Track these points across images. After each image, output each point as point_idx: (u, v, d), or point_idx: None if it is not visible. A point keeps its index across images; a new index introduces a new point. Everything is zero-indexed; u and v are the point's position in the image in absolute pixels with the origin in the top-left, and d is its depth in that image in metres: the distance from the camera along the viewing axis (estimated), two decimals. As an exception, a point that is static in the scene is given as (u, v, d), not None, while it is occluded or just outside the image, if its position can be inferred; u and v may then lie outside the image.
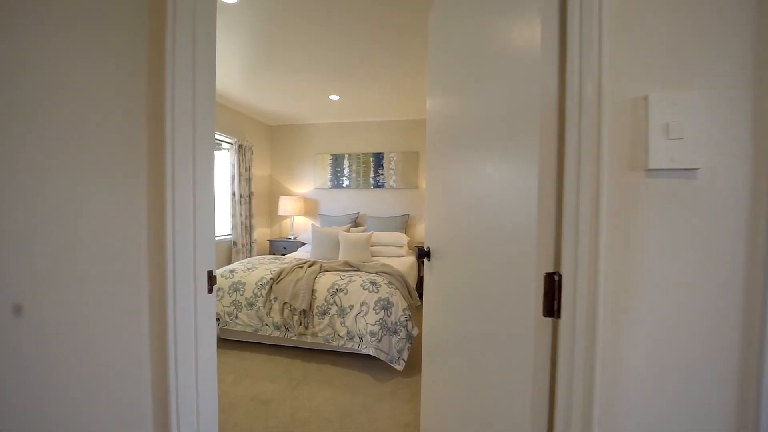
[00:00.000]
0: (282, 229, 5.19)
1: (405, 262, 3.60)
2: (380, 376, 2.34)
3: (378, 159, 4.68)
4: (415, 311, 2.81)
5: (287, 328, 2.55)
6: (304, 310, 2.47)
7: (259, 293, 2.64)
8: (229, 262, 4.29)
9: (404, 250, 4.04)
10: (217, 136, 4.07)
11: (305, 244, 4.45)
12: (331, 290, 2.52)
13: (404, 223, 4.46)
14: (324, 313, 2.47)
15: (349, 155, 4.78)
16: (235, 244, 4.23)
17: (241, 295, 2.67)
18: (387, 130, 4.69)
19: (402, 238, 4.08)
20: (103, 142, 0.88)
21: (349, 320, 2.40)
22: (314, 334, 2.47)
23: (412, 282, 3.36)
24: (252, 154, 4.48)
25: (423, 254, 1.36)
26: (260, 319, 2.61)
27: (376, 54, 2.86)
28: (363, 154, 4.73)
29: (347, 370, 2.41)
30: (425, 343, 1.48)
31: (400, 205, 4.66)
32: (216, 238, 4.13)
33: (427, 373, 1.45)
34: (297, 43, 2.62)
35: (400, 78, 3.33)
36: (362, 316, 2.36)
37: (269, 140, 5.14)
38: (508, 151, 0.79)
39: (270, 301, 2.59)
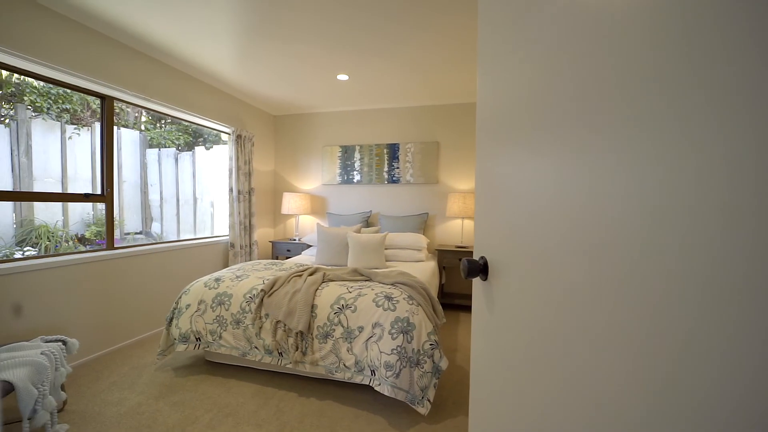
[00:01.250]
0: (287, 230, 4.71)
1: (425, 269, 3.05)
2: (398, 420, 1.79)
3: (393, 151, 4.15)
4: (441, 332, 2.24)
5: (281, 354, 2.03)
6: (300, 332, 1.95)
7: (247, 308, 2.13)
8: (226, 267, 3.82)
9: (423, 254, 3.49)
10: (212, 125, 3.62)
11: (311, 246, 3.95)
12: (335, 306, 1.99)
13: (423, 223, 3.91)
14: (326, 335, 1.94)
15: (361, 147, 4.26)
16: (232, 246, 3.76)
17: (227, 310, 2.17)
18: (403, 117, 4.15)
19: (421, 239, 3.53)
20: None
21: (358, 346, 1.87)
22: (314, 363, 1.94)
23: (434, 292, 2.80)
24: (253, 145, 4.01)
25: (474, 269, 0.82)
26: (248, 340, 2.11)
27: (388, 26, 2.35)
28: (376, 145, 4.20)
29: (355, 411, 1.87)
30: (474, 413, 0.93)
31: (418, 202, 4.11)
32: (211, 239, 3.71)
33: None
34: (299, 12, 2.12)
35: (417, 55, 2.79)
36: (375, 342, 1.82)
37: (273, 132, 4.67)
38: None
39: (260, 318, 2.08)
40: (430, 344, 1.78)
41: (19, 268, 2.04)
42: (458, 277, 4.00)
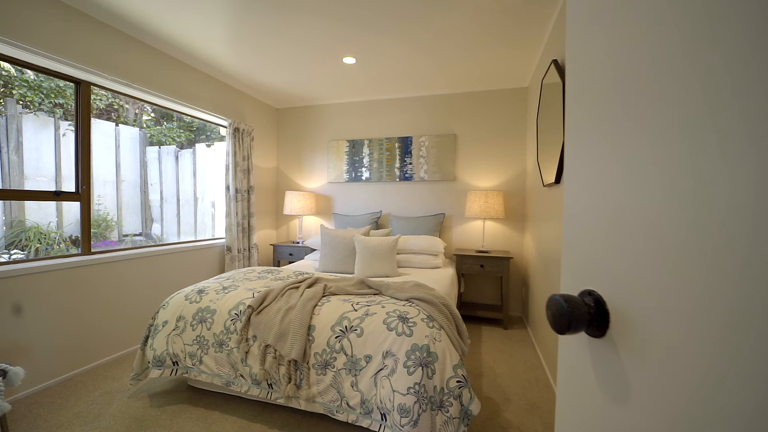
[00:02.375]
0: (290, 232, 4.36)
1: (443, 277, 2.65)
2: (416, 478, 1.40)
3: (405, 145, 3.75)
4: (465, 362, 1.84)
5: (270, 385, 1.66)
6: (294, 361, 1.58)
7: (232, 328, 1.77)
8: (223, 272, 3.49)
9: (440, 260, 3.08)
10: (206, 116, 3.29)
11: (315, 250, 3.58)
12: (337, 328, 1.61)
13: (439, 225, 3.50)
14: (325, 365, 1.56)
15: (370, 141, 3.88)
16: (229, 249, 3.43)
17: (208, 330, 1.81)
18: (416, 108, 3.75)
19: (437, 243, 3.13)
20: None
21: (364, 381, 1.48)
22: (310, 399, 1.56)
23: (454, 304, 2.40)
24: (252, 140, 3.68)
25: (577, 318, 0.42)
26: (233, 366, 1.74)
27: (400, 1, 1.98)
28: (386, 139, 3.82)
29: (361, 462, 1.48)
30: None
31: (433, 201, 3.71)
32: (205, 243, 3.38)
33: None
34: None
35: (434, 37, 2.41)
36: (386, 377, 1.44)
37: (275, 126, 4.33)
38: None
39: (246, 340, 1.71)
40: (458, 381, 1.38)
41: None
42: (479, 285, 3.58)
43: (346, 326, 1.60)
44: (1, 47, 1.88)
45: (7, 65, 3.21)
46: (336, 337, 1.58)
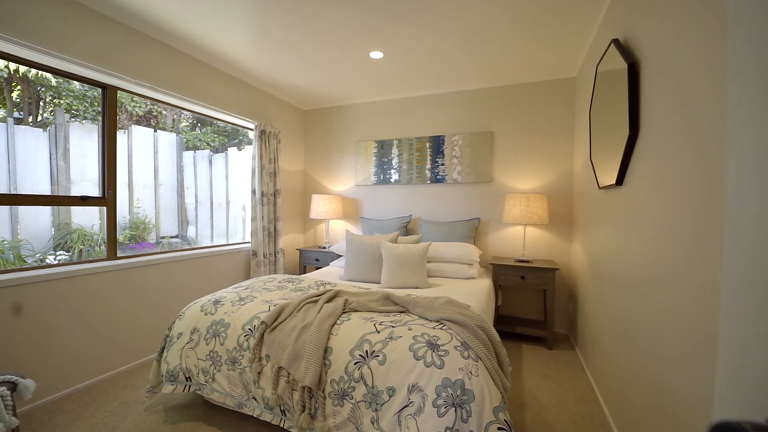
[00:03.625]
0: (317, 236, 4.25)
1: (479, 291, 2.38)
2: None
3: (437, 144, 3.51)
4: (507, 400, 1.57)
5: (284, 411, 1.49)
6: (308, 388, 1.40)
7: (245, 344, 1.63)
8: (248, 278, 3.42)
9: (475, 269, 2.80)
10: (234, 120, 3.25)
11: (341, 256, 3.43)
12: (356, 352, 1.41)
13: (473, 231, 3.22)
14: (343, 395, 1.37)
15: (399, 141, 3.67)
16: (254, 254, 3.36)
17: (221, 345, 1.69)
18: (448, 105, 3.49)
19: (472, 251, 2.86)
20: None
21: (387, 418, 1.27)
22: (325, 433, 1.37)
23: (491, 320, 2.12)
24: (279, 142, 3.60)
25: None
26: (245, 387, 1.60)
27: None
28: (417, 138, 3.59)
29: None
30: None
31: (467, 205, 3.42)
32: (232, 247, 3.32)
33: None
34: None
35: (464, 24, 2.15)
36: (412, 415, 1.21)
37: (302, 128, 4.25)
38: None
39: (259, 360, 1.56)
40: (499, 428, 1.13)
41: (4, 282, 1.73)
42: (518, 298, 3.25)
43: (366, 351, 1.39)
44: (32, 54, 1.89)
45: (48, 75, 3.36)
46: (355, 363, 1.38)
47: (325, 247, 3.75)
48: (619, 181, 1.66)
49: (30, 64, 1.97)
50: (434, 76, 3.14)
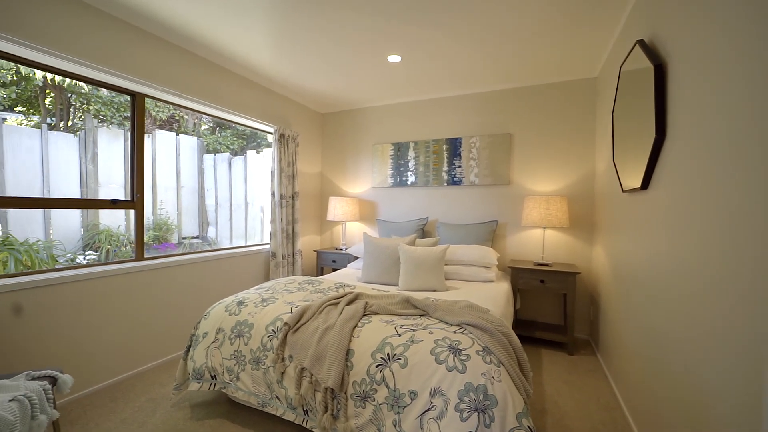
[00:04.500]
0: (333, 238, 4.30)
1: (498, 294, 2.36)
2: None
3: (454, 146, 3.50)
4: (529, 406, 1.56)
5: (306, 411, 1.52)
6: (331, 389, 1.42)
7: (269, 345, 1.67)
8: (267, 280, 3.49)
9: (493, 273, 2.78)
10: (253, 123, 3.32)
11: (358, 258, 3.46)
12: (378, 355, 1.43)
13: (491, 233, 3.20)
14: (365, 397, 1.39)
15: (416, 144, 3.68)
16: (273, 255, 3.43)
17: (246, 345, 1.73)
18: (465, 107, 3.48)
19: (490, 254, 2.84)
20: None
21: (409, 421, 1.28)
22: (348, 434, 1.40)
23: (509, 324, 2.10)
24: (297, 145, 3.66)
25: None
26: (269, 386, 1.64)
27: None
28: (433, 141, 3.59)
29: None
30: None
31: (484, 207, 3.40)
32: (252, 249, 3.40)
33: None
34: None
35: (482, 26, 2.14)
36: (434, 419, 1.22)
37: (320, 131, 4.31)
38: None
39: (282, 360, 1.60)
40: (522, 434, 1.13)
41: (42, 282, 1.82)
42: (537, 301, 3.21)
43: (388, 354, 1.41)
44: (70, 65, 1.99)
45: (81, 83, 3.51)
46: (377, 366, 1.40)
47: (342, 249, 3.79)
48: (645, 185, 1.63)
49: (68, 74, 2.07)
50: (452, 79, 3.13)
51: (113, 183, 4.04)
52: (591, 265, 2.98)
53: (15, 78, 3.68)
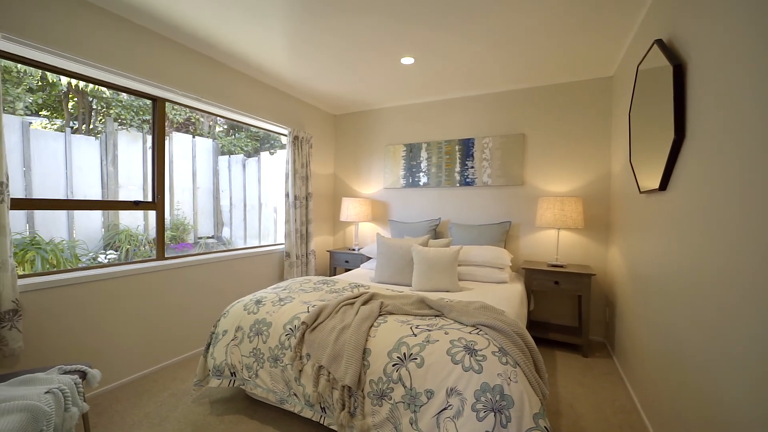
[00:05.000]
0: (346, 238, 4.34)
1: (512, 296, 2.36)
2: None
3: (466, 147, 3.50)
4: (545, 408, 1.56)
5: (324, 408, 1.56)
6: (348, 387, 1.45)
7: (287, 343, 1.71)
8: (281, 279, 3.55)
9: (507, 274, 2.78)
10: (268, 125, 3.38)
11: (370, 258, 3.49)
12: (394, 354, 1.45)
13: (504, 234, 3.19)
14: (381, 396, 1.41)
15: (428, 144, 3.69)
16: (288, 255, 3.48)
17: (264, 343, 1.78)
18: (478, 107, 3.48)
19: (503, 255, 2.83)
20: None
21: (425, 420, 1.30)
22: (365, 431, 1.42)
23: (523, 325, 2.09)
24: (311, 147, 3.71)
25: None
26: (287, 384, 1.68)
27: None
28: (446, 141, 3.60)
29: None
30: None
31: (497, 208, 3.39)
32: (266, 249, 3.47)
33: None
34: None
35: (499, 25, 2.14)
36: (451, 418, 1.24)
37: (333, 132, 4.35)
38: None
39: (300, 358, 1.64)
40: (539, 435, 1.14)
41: (60, 282, 1.90)
42: (551, 303, 3.18)
43: (404, 353, 1.43)
44: (95, 72, 2.07)
45: (103, 88, 3.63)
46: (393, 365, 1.42)
47: (354, 249, 3.83)
48: (663, 186, 1.61)
49: (94, 80, 2.15)
50: (464, 80, 3.14)
51: (132, 184, 4.16)
52: (606, 267, 2.95)
53: (40, 84, 3.83)
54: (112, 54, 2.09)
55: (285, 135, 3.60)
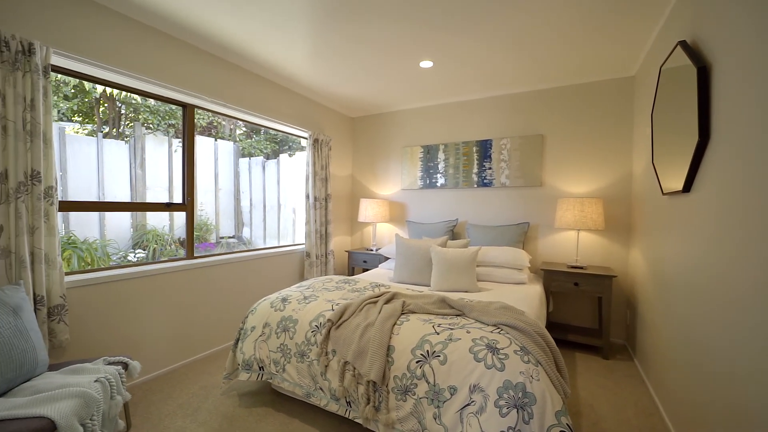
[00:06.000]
0: (364, 238, 4.41)
1: (531, 297, 2.38)
2: None
3: (484, 148, 3.51)
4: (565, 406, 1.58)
5: (349, 403, 1.62)
6: (373, 382, 1.51)
7: (313, 339, 1.78)
8: (302, 278, 3.65)
9: (525, 275, 2.79)
10: (289, 129, 3.49)
11: (389, 258, 3.54)
12: (417, 352, 1.50)
13: (522, 235, 3.19)
14: (405, 391, 1.47)
15: (445, 146, 3.72)
16: (308, 255, 3.57)
17: (291, 339, 1.86)
18: (496, 108, 3.49)
19: (522, 256, 2.84)
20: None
21: (449, 415, 1.35)
22: (389, 425, 1.48)
23: (542, 324, 2.11)
24: (330, 149, 3.80)
25: None
26: (313, 378, 1.75)
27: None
28: (463, 143, 3.62)
29: (445, 503, 1.35)
30: None
31: (515, 209, 3.40)
32: (287, 249, 3.57)
33: None
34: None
35: (514, 29, 2.16)
36: (474, 414, 1.28)
37: (351, 134, 4.43)
38: None
39: (326, 354, 1.71)
40: (561, 431, 1.17)
41: (99, 279, 2.03)
42: (571, 304, 3.17)
43: (427, 351, 1.48)
44: (131, 81, 2.20)
45: (133, 94, 3.80)
46: (417, 362, 1.47)
47: (372, 250, 3.89)
48: (687, 188, 1.61)
49: (129, 89, 2.28)
50: (482, 82, 3.16)
51: (159, 186, 4.34)
52: (627, 269, 2.92)
53: (74, 91, 4.04)
54: (146, 63, 2.22)
55: (305, 138, 3.69)
